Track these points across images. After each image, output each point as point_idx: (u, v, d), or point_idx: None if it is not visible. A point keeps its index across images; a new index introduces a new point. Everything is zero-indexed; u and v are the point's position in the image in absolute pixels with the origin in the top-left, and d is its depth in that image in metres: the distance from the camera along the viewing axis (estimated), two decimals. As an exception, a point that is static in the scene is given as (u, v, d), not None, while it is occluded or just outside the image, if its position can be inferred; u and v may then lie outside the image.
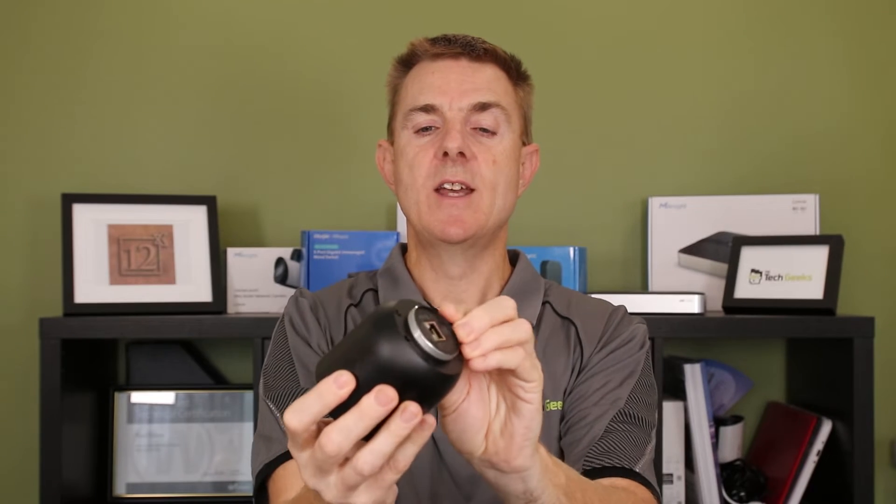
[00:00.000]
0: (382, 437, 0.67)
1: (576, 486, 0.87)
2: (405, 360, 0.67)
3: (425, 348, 0.68)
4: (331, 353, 0.72)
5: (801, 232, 1.87)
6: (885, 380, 1.92)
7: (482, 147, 1.11)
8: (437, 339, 0.69)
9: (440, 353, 0.69)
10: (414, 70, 1.16)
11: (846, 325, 1.69)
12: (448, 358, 0.69)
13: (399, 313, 0.70)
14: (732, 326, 1.72)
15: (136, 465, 1.83)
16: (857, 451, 1.67)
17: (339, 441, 0.67)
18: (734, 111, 2.00)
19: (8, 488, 1.91)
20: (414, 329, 0.69)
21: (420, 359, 0.68)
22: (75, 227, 1.77)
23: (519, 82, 1.17)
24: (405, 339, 0.68)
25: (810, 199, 1.89)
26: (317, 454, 0.69)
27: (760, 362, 1.98)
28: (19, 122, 1.94)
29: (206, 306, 1.79)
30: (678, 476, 1.77)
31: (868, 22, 2.00)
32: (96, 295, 1.75)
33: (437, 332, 0.70)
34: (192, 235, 1.82)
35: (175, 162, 1.96)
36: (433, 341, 0.69)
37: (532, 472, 0.79)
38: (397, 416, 0.67)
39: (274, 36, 1.98)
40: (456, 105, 1.11)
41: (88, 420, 1.80)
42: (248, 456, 1.82)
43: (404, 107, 1.14)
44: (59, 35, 1.95)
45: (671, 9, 2.01)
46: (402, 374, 0.68)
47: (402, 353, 0.68)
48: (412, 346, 0.68)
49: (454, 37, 1.14)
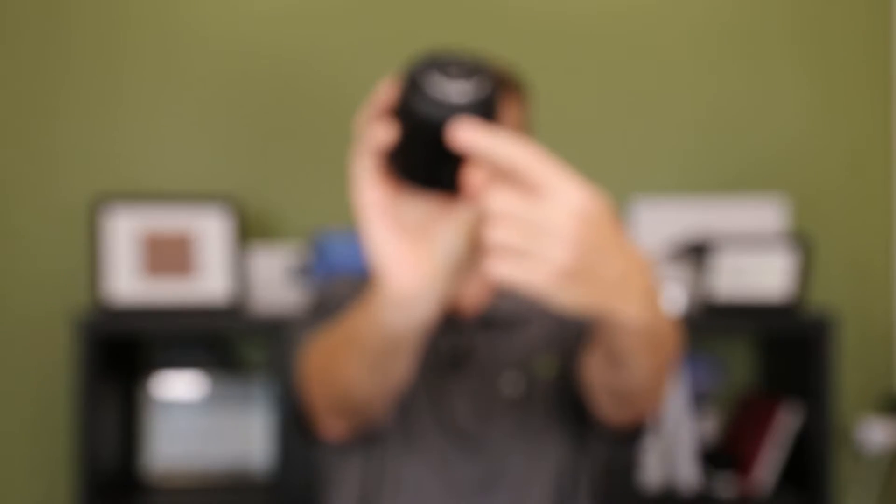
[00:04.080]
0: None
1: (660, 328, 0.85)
2: (436, 117, 0.70)
3: (453, 99, 0.70)
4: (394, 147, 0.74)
5: (774, 232, 1.99)
6: (848, 370, 2.07)
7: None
8: (464, 76, 0.72)
9: (470, 91, 0.71)
10: None
11: (813, 321, 1.85)
12: (474, 98, 0.71)
13: (419, 71, 0.72)
14: (708, 322, 1.87)
15: (162, 451, 1.95)
16: (821, 437, 1.84)
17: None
18: (714, 115, 2.10)
19: (43, 473, 2.02)
20: (434, 84, 0.71)
21: (451, 110, 0.70)
22: (105, 228, 1.85)
23: (517, 98, 1.19)
24: (429, 97, 0.70)
25: (783, 200, 2.01)
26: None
27: (734, 354, 2.11)
28: (52, 128, 2.04)
29: (228, 302, 1.87)
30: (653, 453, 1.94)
31: (833, 31, 2.11)
32: (125, 293, 1.84)
33: (453, 69, 0.72)
34: (215, 234, 1.89)
35: (198, 164, 2.06)
36: (455, 85, 0.71)
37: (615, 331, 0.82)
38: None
39: (290, 42, 2.06)
40: None
41: (118, 409, 1.91)
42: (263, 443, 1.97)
43: None
44: (90, 45, 2.04)
45: (655, 16, 2.10)
46: (444, 128, 0.70)
47: (432, 111, 0.70)
48: (438, 102, 0.71)
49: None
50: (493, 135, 0.69)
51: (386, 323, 0.82)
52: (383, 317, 0.82)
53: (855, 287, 2.13)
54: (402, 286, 0.77)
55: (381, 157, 0.75)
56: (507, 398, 1.17)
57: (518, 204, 0.68)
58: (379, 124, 0.74)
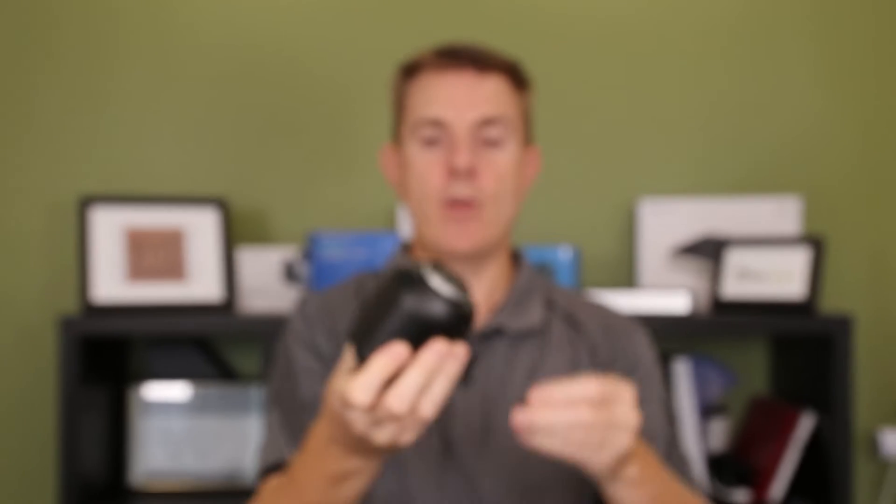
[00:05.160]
0: (414, 371, 0.78)
1: (674, 495, 1.00)
2: (430, 307, 0.77)
3: (445, 294, 0.78)
4: (361, 320, 0.82)
5: (785, 233, 1.95)
6: (866, 375, 1.99)
7: (488, 161, 1.14)
8: (451, 285, 0.79)
9: (458, 295, 0.79)
10: (419, 79, 1.17)
11: (827, 323, 1.77)
12: (464, 299, 0.80)
13: (413, 270, 0.80)
14: (718, 324, 1.80)
15: (150, 457, 1.89)
16: (839, 444, 1.75)
17: (409, 398, 0.78)
18: (721, 115, 2.06)
19: (26, 480, 1.97)
20: (430, 279, 0.79)
21: (442, 303, 0.78)
22: (92, 228, 1.82)
23: (521, 88, 1.20)
24: (426, 289, 0.78)
25: (794, 201, 1.96)
26: (379, 414, 0.79)
27: (745, 358, 2.05)
28: (38, 127, 2.00)
29: (218, 305, 1.84)
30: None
31: (846, 30, 2.06)
32: (112, 294, 1.80)
33: (447, 278, 0.80)
34: (204, 236, 1.87)
35: (188, 164, 2.02)
36: (450, 287, 0.79)
37: (611, 481, 0.91)
38: (429, 352, 0.78)
39: (285, 44, 2.03)
40: (463, 119, 1.13)
41: (105, 414, 1.86)
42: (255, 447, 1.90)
43: (411, 116, 1.17)
44: (76, 42, 2.00)
45: (661, 13, 2.06)
46: (429, 320, 0.78)
47: (426, 302, 0.78)
48: (433, 293, 0.78)
49: (459, 49, 1.17)
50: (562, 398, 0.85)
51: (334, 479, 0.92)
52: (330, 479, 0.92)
53: (871, 288, 2.06)
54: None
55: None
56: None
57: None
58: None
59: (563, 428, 0.84)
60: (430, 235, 1.16)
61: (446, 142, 1.15)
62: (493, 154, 1.16)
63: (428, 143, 1.16)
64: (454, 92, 1.15)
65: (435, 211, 1.15)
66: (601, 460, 0.87)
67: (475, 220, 1.14)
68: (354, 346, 0.81)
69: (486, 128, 1.15)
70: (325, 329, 1.18)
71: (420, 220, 1.18)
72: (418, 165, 1.16)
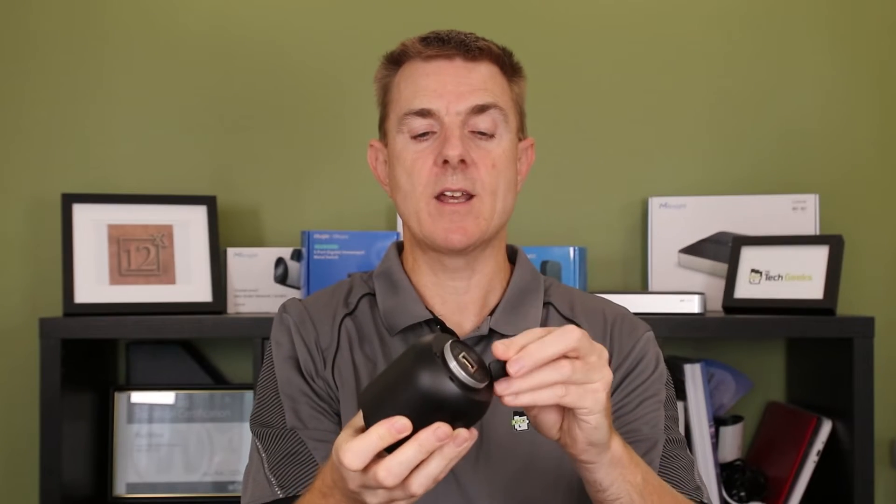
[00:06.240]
0: (410, 448, 0.78)
1: (653, 490, 0.94)
2: (443, 389, 0.78)
3: (462, 378, 0.78)
4: (374, 384, 0.83)
5: (801, 232, 1.88)
6: (885, 380, 1.93)
7: (481, 152, 1.09)
8: (471, 369, 0.79)
9: (474, 382, 0.79)
10: (405, 69, 1.12)
11: (846, 325, 1.70)
12: (481, 386, 0.79)
13: (435, 347, 0.80)
14: (732, 326, 1.73)
15: (135, 465, 1.83)
16: (857, 451, 1.68)
17: (398, 473, 0.78)
18: (734, 111, 2.01)
19: (8, 488, 1.92)
20: (450, 360, 0.78)
21: (457, 387, 0.78)
22: (75, 228, 1.78)
23: (513, 76, 1.15)
24: (443, 370, 0.78)
25: (810, 199, 1.90)
26: (369, 481, 0.79)
27: (760, 362, 1.99)
28: (20, 123, 1.95)
29: (206, 306, 1.80)
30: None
31: (862, 21, 2.01)
32: (96, 295, 1.76)
33: (470, 362, 0.80)
34: (192, 235, 1.83)
35: (175, 162, 1.97)
36: (468, 372, 0.79)
37: (598, 465, 0.88)
38: (428, 432, 0.77)
39: (273, 36, 1.99)
40: (453, 109, 1.08)
41: (88, 420, 1.81)
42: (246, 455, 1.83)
43: (398, 109, 1.11)
44: (60, 36, 1.96)
45: (670, 10, 2.02)
46: (440, 401, 0.78)
47: (440, 382, 0.78)
48: (450, 376, 0.78)
49: (447, 36, 1.11)
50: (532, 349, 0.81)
51: None
52: None
53: (889, 289, 2.00)
54: None
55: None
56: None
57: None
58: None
59: (547, 385, 0.82)
60: (423, 232, 1.10)
61: (436, 133, 1.09)
62: (487, 144, 1.10)
63: (417, 136, 1.10)
64: (443, 80, 1.09)
65: (426, 206, 1.09)
66: (587, 405, 0.84)
67: (470, 214, 1.08)
68: (363, 408, 0.83)
69: (477, 117, 1.09)
70: (302, 342, 1.14)
71: (411, 216, 1.11)
72: (407, 159, 1.10)
